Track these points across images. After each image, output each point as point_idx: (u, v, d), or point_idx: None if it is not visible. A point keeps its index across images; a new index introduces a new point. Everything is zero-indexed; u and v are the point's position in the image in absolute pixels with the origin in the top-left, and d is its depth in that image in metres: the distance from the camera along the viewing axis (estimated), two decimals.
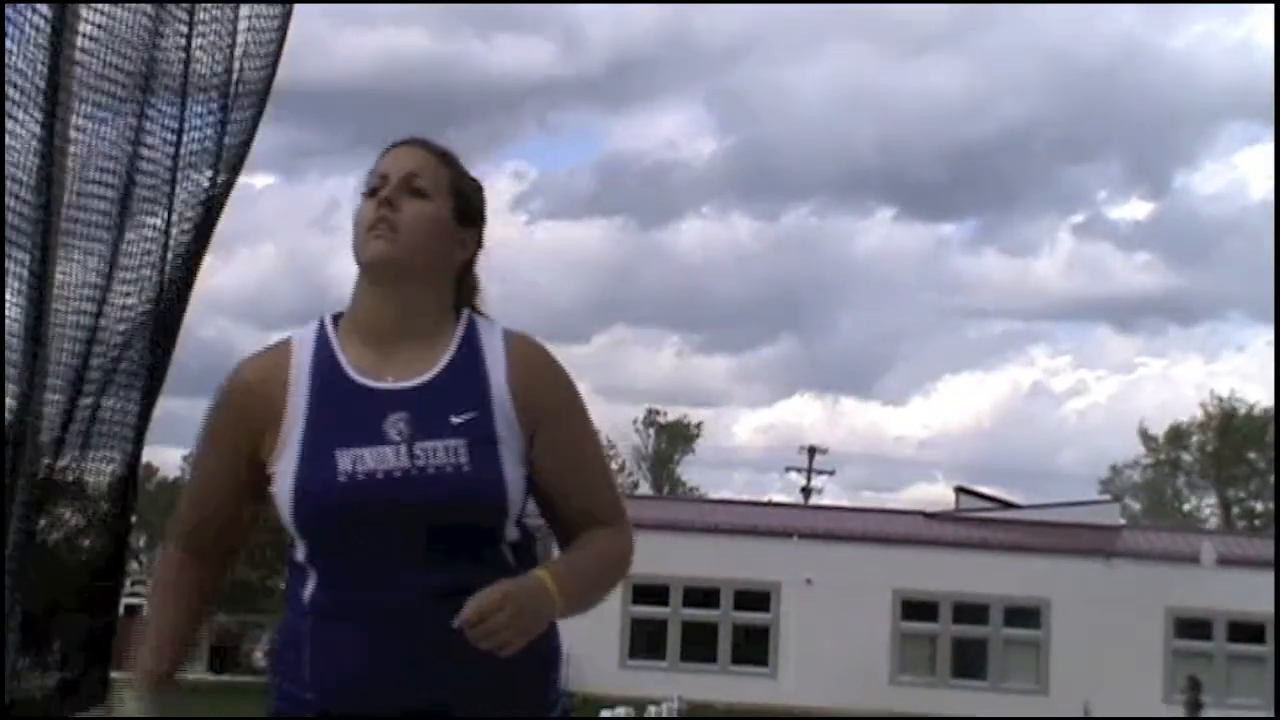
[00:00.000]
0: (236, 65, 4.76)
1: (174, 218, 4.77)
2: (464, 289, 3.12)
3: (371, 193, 3.01)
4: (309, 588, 2.96)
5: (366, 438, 2.89)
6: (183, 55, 4.67)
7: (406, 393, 2.93)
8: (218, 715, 28.13)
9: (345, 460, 2.87)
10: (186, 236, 4.77)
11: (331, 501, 2.87)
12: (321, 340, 3.01)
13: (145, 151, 4.62)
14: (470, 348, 3.01)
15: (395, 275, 2.97)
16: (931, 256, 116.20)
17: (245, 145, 4.82)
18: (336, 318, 3.05)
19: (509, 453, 2.93)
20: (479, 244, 3.14)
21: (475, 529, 2.91)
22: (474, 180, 3.14)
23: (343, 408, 2.93)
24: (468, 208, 3.09)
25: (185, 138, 4.68)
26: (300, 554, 2.97)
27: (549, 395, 3.01)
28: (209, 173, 4.76)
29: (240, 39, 4.75)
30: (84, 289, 4.63)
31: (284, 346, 3.03)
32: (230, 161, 4.77)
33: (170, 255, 4.76)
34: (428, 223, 2.98)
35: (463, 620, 2.77)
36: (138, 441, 5.06)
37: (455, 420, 2.91)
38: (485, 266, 3.15)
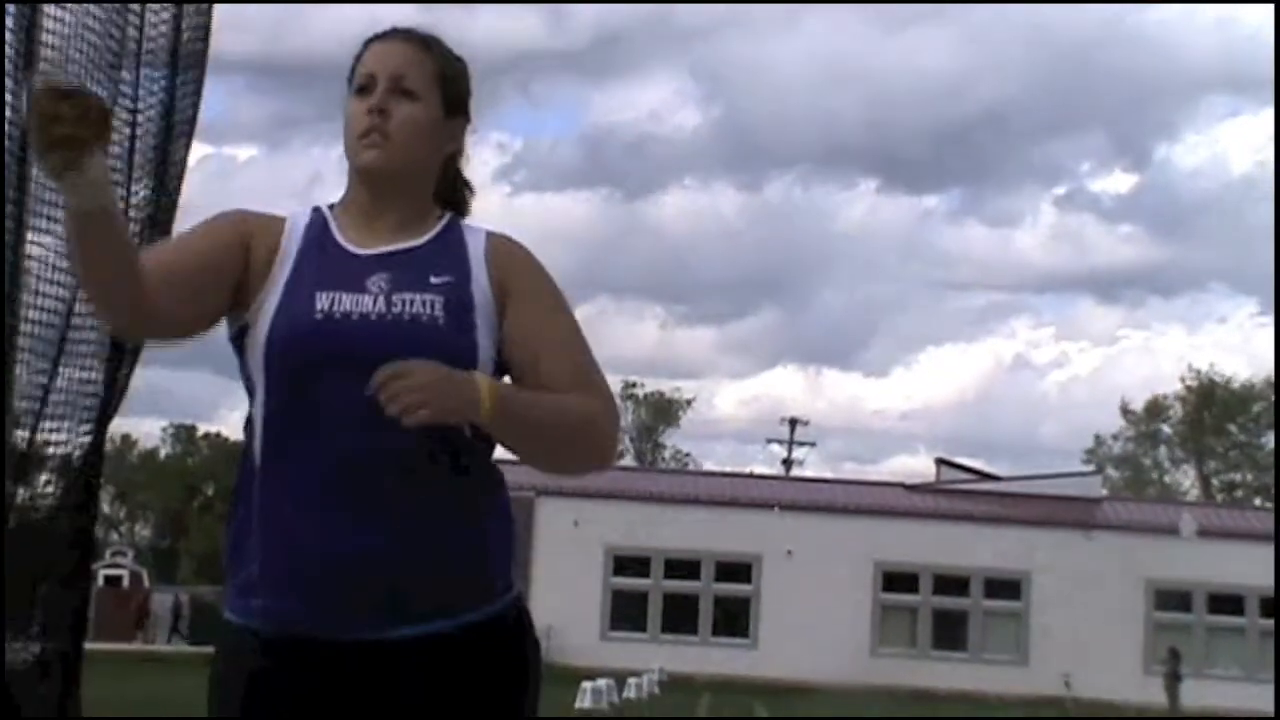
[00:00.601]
0: (179, 35, 4.77)
1: (134, 187, 4.78)
2: (455, 188, 3.19)
3: (360, 91, 3.04)
4: (259, 443, 2.94)
5: (347, 286, 2.94)
6: (136, 30, 4.68)
7: (387, 256, 2.98)
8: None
9: (323, 300, 2.91)
10: (149, 206, 4.78)
11: (304, 332, 2.89)
12: (316, 215, 3.08)
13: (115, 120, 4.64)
14: (453, 232, 3.07)
15: (389, 180, 3.02)
16: (914, 228, 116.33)
17: (193, 112, 4.84)
18: (332, 206, 3.11)
19: (482, 321, 2.95)
20: (466, 128, 3.17)
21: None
22: (459, 62, 3.17)
23: (326, 263, 2.98)
24: (456, 97, 3.12)
25: (141, 106, 4.69)
26: (258, 408, 2.94)
27: (523, 275, 3.03)
28: (160, 140, 4.78)
29: (176, 8, 4.76)
30: (56, 262, 4.64)
31: (281, 216, 3.10)
32: (182, 129, 4.79)
33: (133, 225, 4.77)
34: (419, 126, 3.02)
35: (377, 378, 2.74)
36: (106, 412, 5.07)
37: (434, 280, 2.95)
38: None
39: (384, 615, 2.88)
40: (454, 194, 3.18)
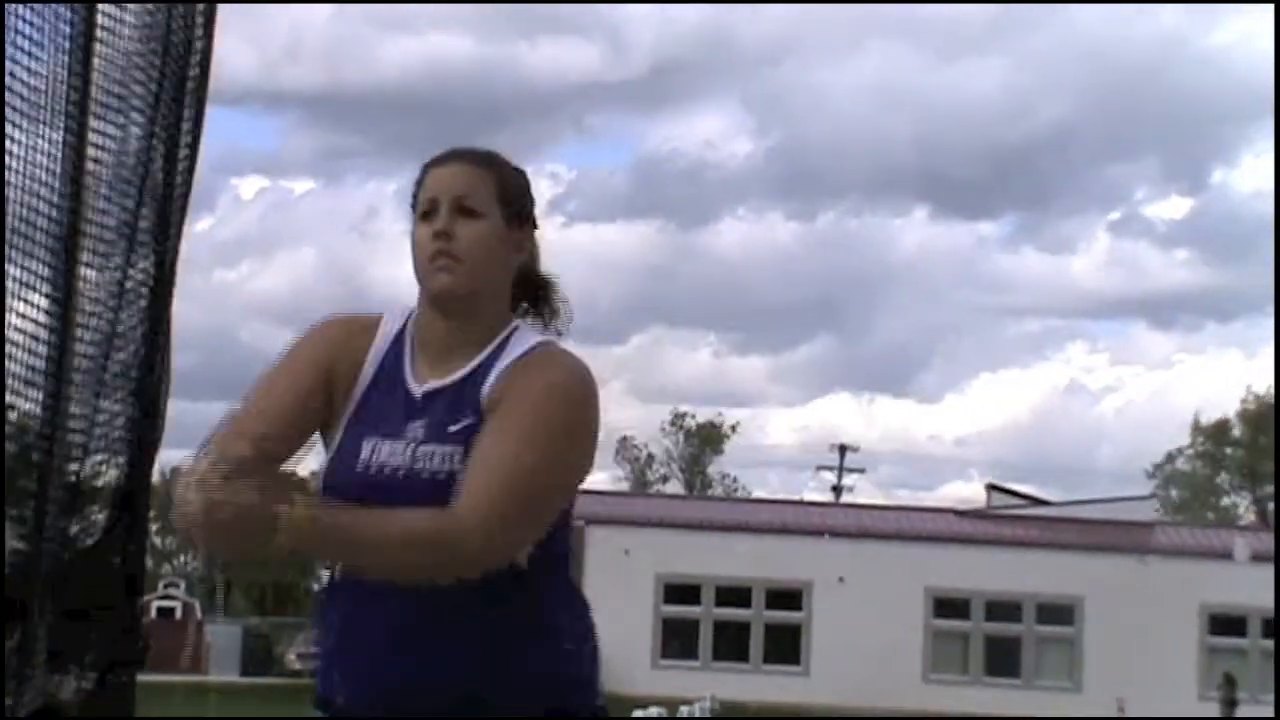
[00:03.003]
0: (186, 64, 4.82)
1: (170, 226, 4.83)
2: (533, 291, 3.20)
3: (424, 216, 3.05)
4: (330, 573, 3.08)
5: (392, 432, 2.99)
6: (181, 58, 4.73)
7: (434, 393, 3.01)
8: (251, 716, 28.23)
9: (367, 449, 2.98)
10: (170, 239, 4.85)
11: (345, 482, 2.96)
12: (399, 334, 3.10)
13: (154, 157, 4.69)
14: (498, 353, 3.05)
15: (462, 301, 3.04)
16: (969, 255, 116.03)
17: (195, 145, 4.89)
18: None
19: None
20: (534, 236, 3.19)
21: None
22: (519, 175, 3.17)
23: (386, 400, 3.03)
24: (519, 209, 3.13)
25: (180, 144, 4.74)
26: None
27: (512, 395, 2.97)
28: (171, 172, 4.83)
29: (179, 37, 4.81)
30: (101, 293, 4.69)
31: (374, 322, 3.12)
32: (187, 163, 4.84)
33: (166, 260, 4.82)
34: (485, 245, 3.03)
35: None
36: (143, 445, 5.11)
37: (453, 429, 2.97)
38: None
39: None
40: (536, 298, 3.21)
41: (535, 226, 3.18)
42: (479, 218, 3.03)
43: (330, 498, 2.92)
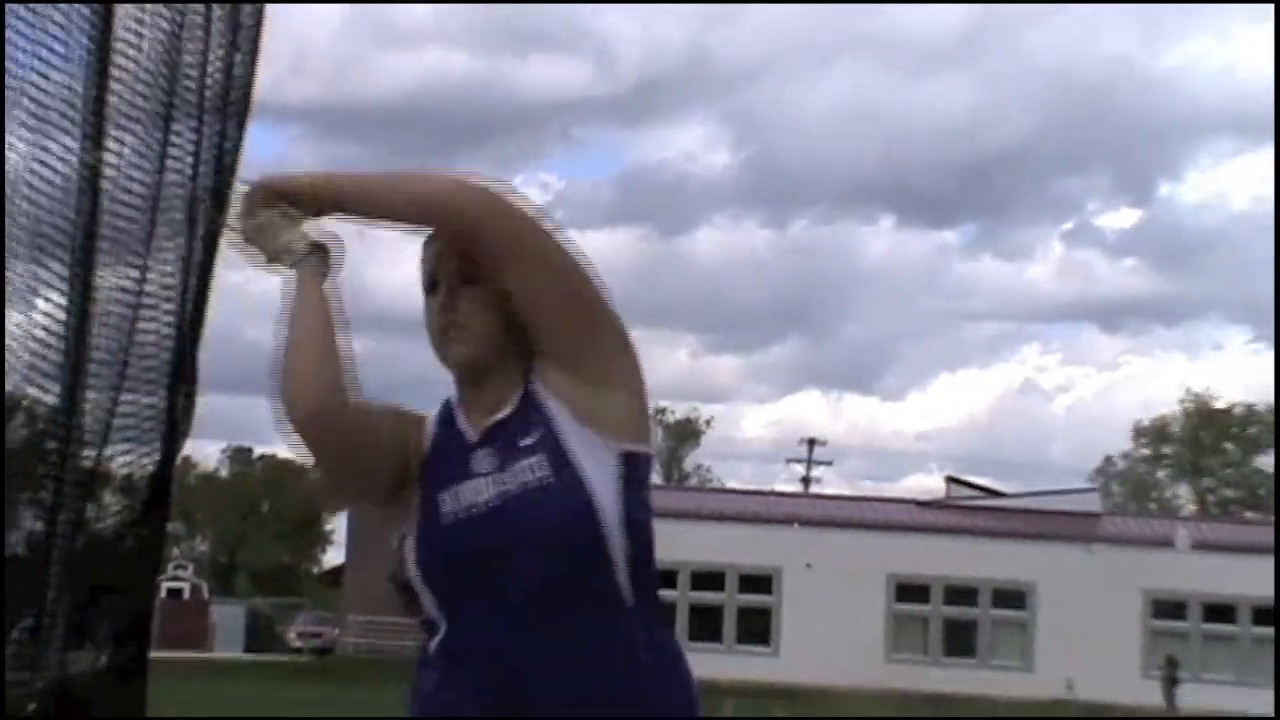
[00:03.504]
0: (225, 77, 4.80)
1: (197, 229, 4.82)
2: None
3: (430, 291, 2.99)
4: (433, 640, 2.90)
5: (459, 476, 2.90)
6: (198, 72, 4.71)
7: (488, 431, 2.93)
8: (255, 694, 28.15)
9: (447, 501, 2.89)
10: (202, 244, 4.83)
11: (437, 545, 2.87)
12: (445, 408, 3.04)
13: (170, 164, 4.68)
14: (532, 385, 2.96)
15: (479, 364, 2.96)
16: (931, 262, 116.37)
17: (236, 154, 4.87)
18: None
19: (580, 447, 2.87)
20: None
21: (579, 554, 2.82)
22: None
23: (449, 457, 2.94)
24: None
25: (202, 152, 4.73)
26: (429, 609, 2.90)
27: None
28: (213, 183, 4.82)
29: (223, 49, 4.79)
30: (118, 292, 4.68)
31: (424, 415, 3.08)
32: (229, 172, 4.82)
33: (192, 262, 4.81)
34: (488, 308, 2.94)
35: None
36: (172, 435, 5.09)
37: (526, 442, 2.88)
38: None
39: None
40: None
41: None
42: (478, 282, 2.95)
43: (428, 570, 2.87)
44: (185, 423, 5.25)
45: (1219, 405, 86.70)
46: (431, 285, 2.99)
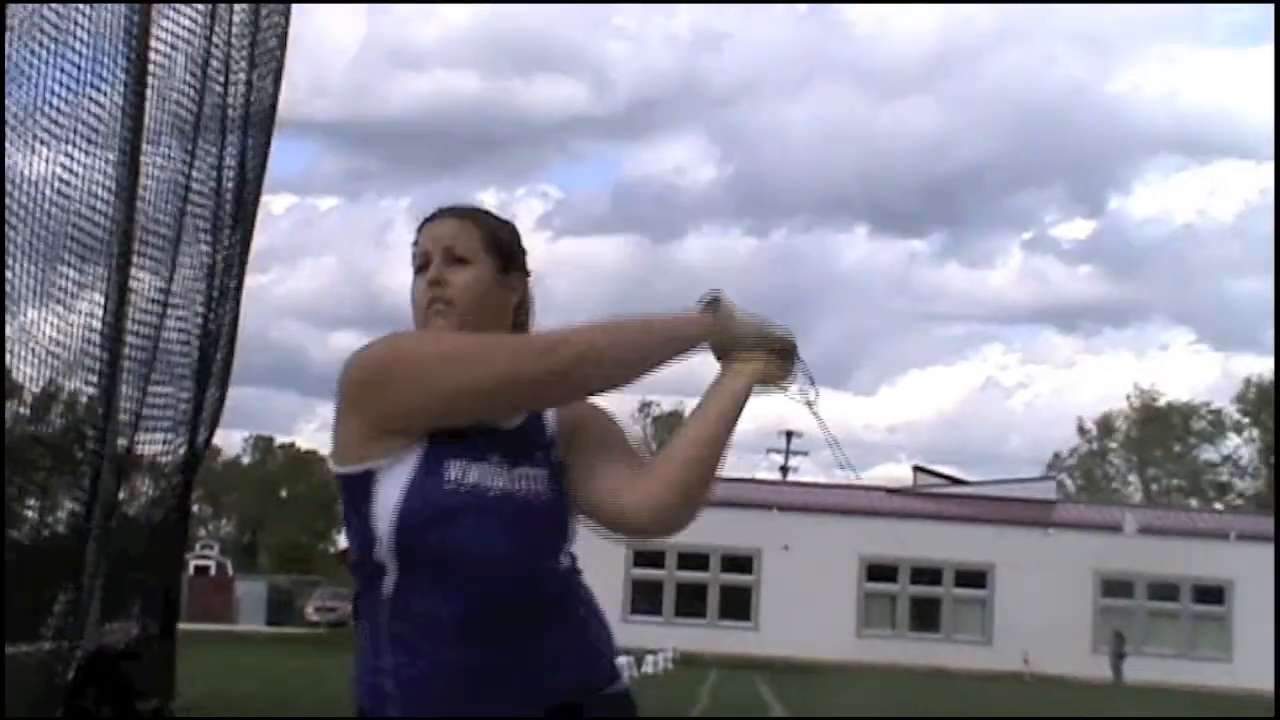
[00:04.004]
0: (248, 94, 4.82)
1: (222, 236, 4.83)
2: (519, 322, 2.94)
3: (419, 270, 2.88)
4: (388, 613, 2.74)
5: (473, 456, 2.74)
6: (221, 93, 4.73)
7: (503, 434, 2.79)
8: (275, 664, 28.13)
9: (455, 469, 2.71)
10: (230, 250, 4.84)
11: (430, 502, 2.69)
12: None
13: (195, 176, 4.69)
14: None
15: None
16: (902, 268, 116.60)
17: (262, 169, 4.87)
18: None
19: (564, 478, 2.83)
20: (526, 280, 2.96)
21: (555, 547, 2.80)
22: (506, 225, 2.98)
23: (456, 437, 2.74)
24: (508, 257, 2.92)
25: (225, 165, 4.74)
26: (387, 585, 2.72)
27: (585, 422, 2.90)
28: (237, 194, 4.83)
29: (244, 68, 4.80)
30: (150, 294, 4.69)
31: None
32: (254, 184, 4.83)
33: (219, 267, 4.82)
34: (475, 288, 2.83)
35: None
36: (196, 425, 5.11)
37: (537, 454, 2.81)
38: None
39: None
40: (524, 327, 2.98)
41: (527, 273, 2.96)
42: (469, 264, 2.85)
43: (414, 516, 2.68)
44: (215, 414, 5.27)
45: (1164, 402, 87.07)
46: (423, 264, 2.88)
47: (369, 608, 2.80)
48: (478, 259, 2.86)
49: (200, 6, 4.75)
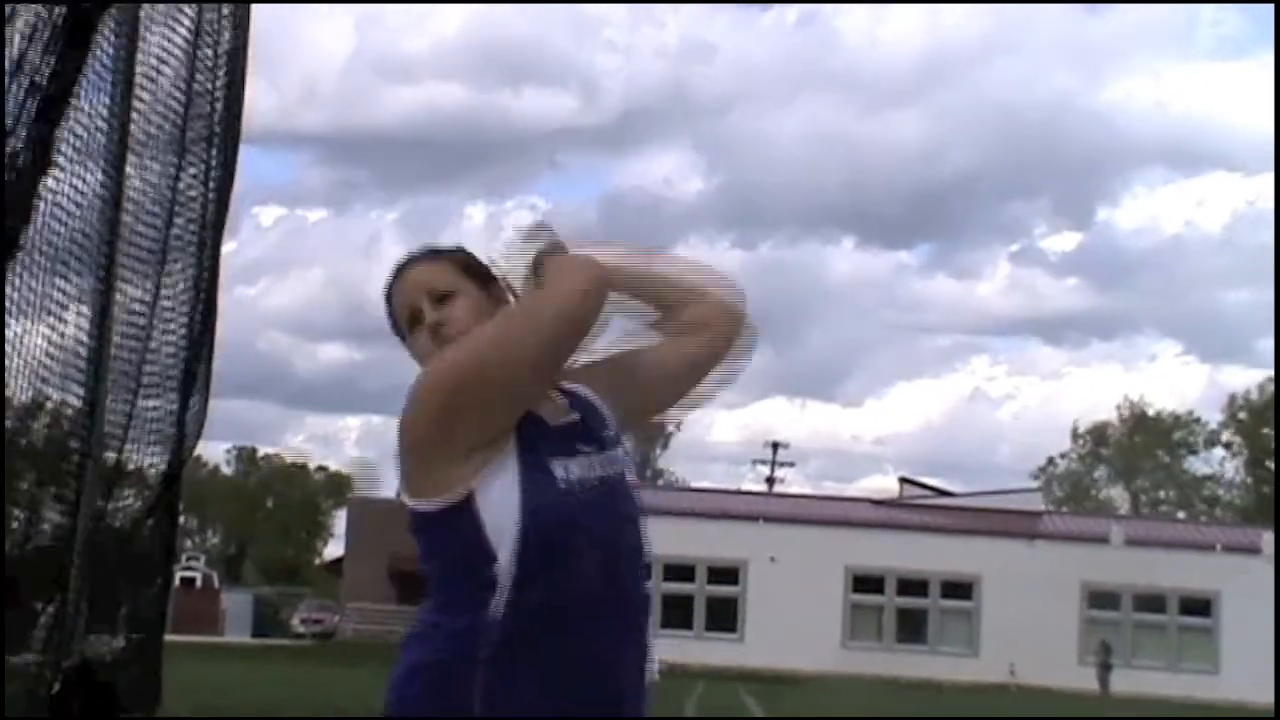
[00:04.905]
0: (225, 108, 4.84)
1: (206, 249, 4.86)
2: None
3: (414, 325, 2.88)
4: (498, 613, 2.71)
5: (566, 452, 2.80)
6: (207, 103, 4.75)
7: (570, 427, 2.86)
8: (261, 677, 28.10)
9: (559, 469, 2.76)
10: (209, 261, 4.87)
11: (553, 505, 2.73)
12: None
13: (181, 189, 4.72)
14: (566, 392, 2.95)
15: None
16: (889, 279, 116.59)
17: (230, 179, 4.90)
18: None
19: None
20: (502, 287, 2.99)
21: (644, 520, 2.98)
22: (461, 249, 3.03)
23: (544, 438, 2.80)
24: (482, 274, 2.96)
25: (210, 178, 4.77)
26: (502, 574, 2.70)
27: (608, 366, 3.08)
28: (213, 206, 4.86)
29: (223, 80, 4.83)
30: (137, 306, 4.71)
31: None
32: (223, 195, 4.85)
33: (203, 279, 4.85)
34: (473, 312, 2.86)
35: None
36: (182, 437, 5.12)
37: (605, 433, 2.91)
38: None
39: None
40: None
41: (504, 284, 2.98)
42: (457, 295, 2.88)
43: (545, 514, 2.72)
44: (198, 426, 5.29)
45: (1152, 413, 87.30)
46: (413, 317, 2.89)
47: (470, 618, 2.72)
48: (461, 286, 2.89)
49: (188, 20, 4.78)
